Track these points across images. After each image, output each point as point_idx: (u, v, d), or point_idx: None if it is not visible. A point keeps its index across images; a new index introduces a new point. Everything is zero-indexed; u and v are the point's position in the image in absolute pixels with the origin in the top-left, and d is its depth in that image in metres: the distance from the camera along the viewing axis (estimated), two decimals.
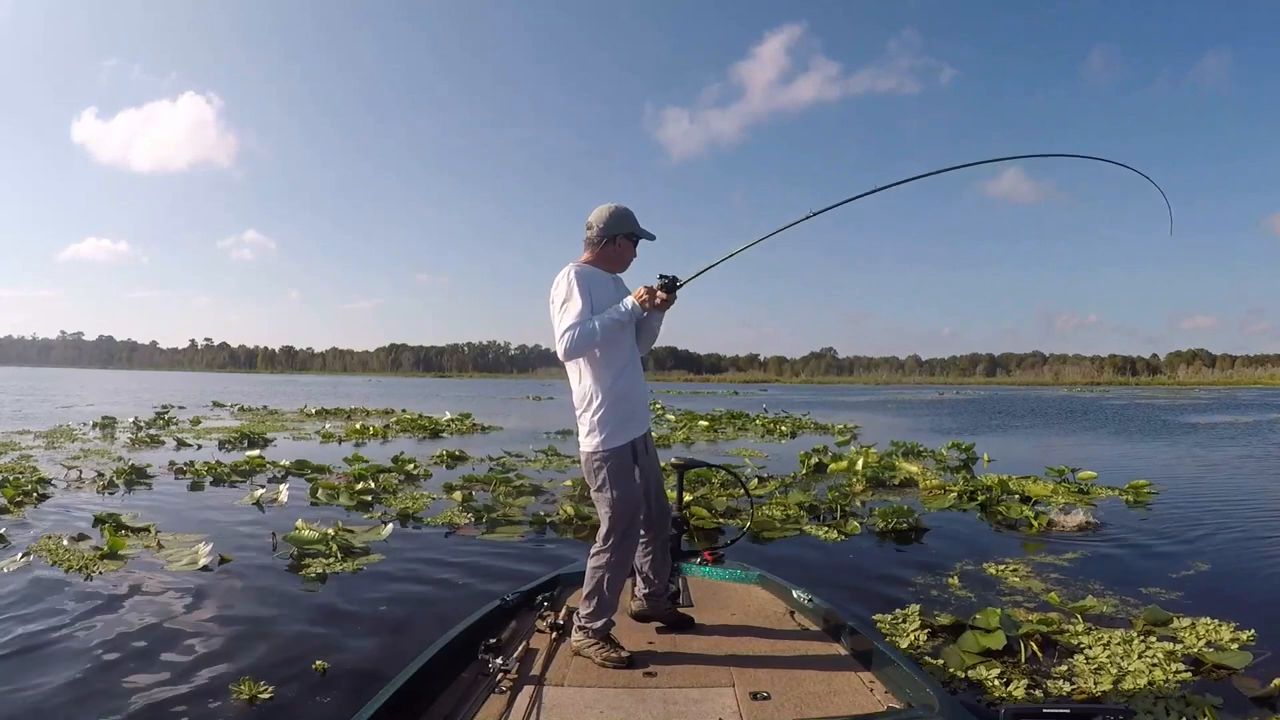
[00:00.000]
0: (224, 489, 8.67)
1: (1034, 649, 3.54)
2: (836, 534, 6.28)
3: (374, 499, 7.70)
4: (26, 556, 5.19)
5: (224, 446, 13.57)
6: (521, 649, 2.72)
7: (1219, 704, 2.97)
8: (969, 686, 3.22)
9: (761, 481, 8.99)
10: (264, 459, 10.47)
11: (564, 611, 2.89)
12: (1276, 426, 21.75)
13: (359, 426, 17.66)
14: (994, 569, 5.15)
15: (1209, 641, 3.66)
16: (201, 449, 12.99)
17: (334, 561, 5.20)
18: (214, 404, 28.67)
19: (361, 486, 8.19)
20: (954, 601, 4.42)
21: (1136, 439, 17.83)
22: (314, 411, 24.55)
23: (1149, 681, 3.20)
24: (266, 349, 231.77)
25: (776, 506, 7.22)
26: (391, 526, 6.20)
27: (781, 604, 3.36)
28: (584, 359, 2.79)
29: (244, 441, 14.08)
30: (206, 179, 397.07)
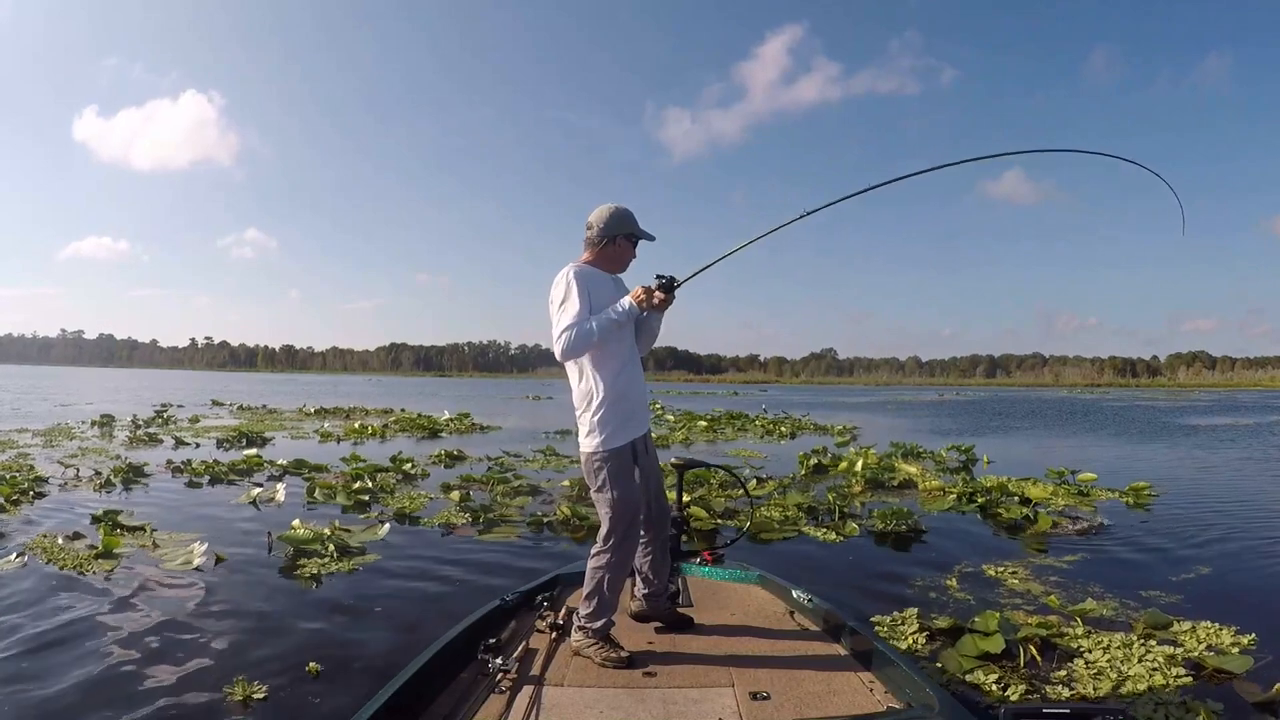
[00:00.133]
0: (221, 488, 8.64)
1: (1033, 652, 3.50)
2: (835, 535, 6.25)
3: (371, 498, 7.68)
4: (21, 555, 5.17)
5: (222, 445, 13.55)
6: (521, 649, 2.72)
7: (1220, 709, 2.94)
8: (967, 691, 3.19)
9: (760, 482, 8.95)
10: (262, 458, 10.45)
11: (564, 611, 2.89)
12: (1277, 429, 21.72)
13: (357, 426, 17.66)
14: (993, 571, 5.13)
15: (1210, 645, 3.63)
16: (200, 448, 12.97)
17: (330, 561, 5.18)
18: (213, 403, 28.68)
19: (359, 486, 8.17)
20: (952, 604, 4.40)
21: (1136, 441, 17.81)
22: (313, 410, 24.54)
23: (1149, 686, 3.17)
24: (267, 348, 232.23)
25: (775, 507, 7.19)
26: (388, 526, 6.18)
27: (781, 604, 3.35)
28: (584, 359, 2.78)
29: (242, 440, 14.07)
30: (207, 178, 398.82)
